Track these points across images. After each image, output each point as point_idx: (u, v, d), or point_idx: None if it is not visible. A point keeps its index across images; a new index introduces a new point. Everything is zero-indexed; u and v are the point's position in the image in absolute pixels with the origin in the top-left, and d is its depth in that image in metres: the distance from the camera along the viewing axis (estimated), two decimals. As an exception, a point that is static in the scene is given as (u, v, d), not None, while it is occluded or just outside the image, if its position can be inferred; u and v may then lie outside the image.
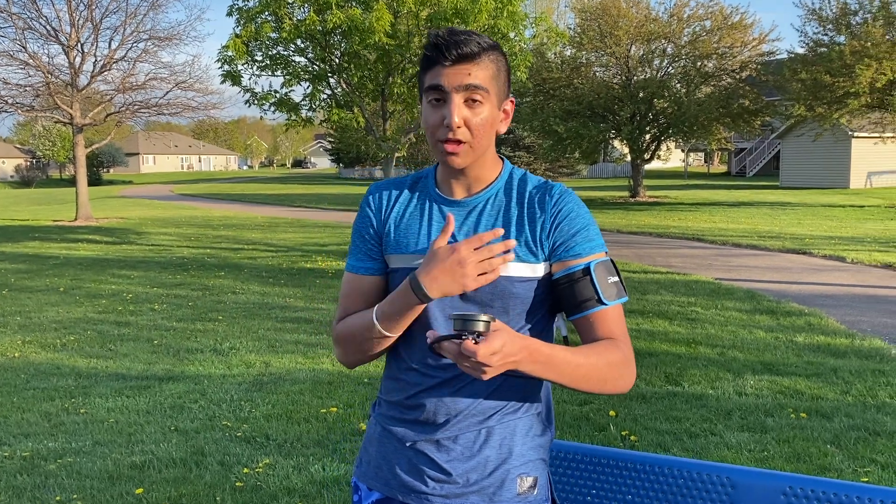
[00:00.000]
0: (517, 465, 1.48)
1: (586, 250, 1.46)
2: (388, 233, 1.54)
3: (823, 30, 21.57)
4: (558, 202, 1.48)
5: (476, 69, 1.40)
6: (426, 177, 1.59)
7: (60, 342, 7.18)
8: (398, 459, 1.51)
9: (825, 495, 1.68)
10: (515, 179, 1.54)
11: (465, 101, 1.41)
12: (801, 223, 17.68)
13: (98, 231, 19.09)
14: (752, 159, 45.36)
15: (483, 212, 1.50)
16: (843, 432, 4.37)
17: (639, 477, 1.89)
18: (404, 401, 1.51)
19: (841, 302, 8.41)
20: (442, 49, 1.39)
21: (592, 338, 1.46)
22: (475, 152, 1.45)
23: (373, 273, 1.56)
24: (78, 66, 20.84)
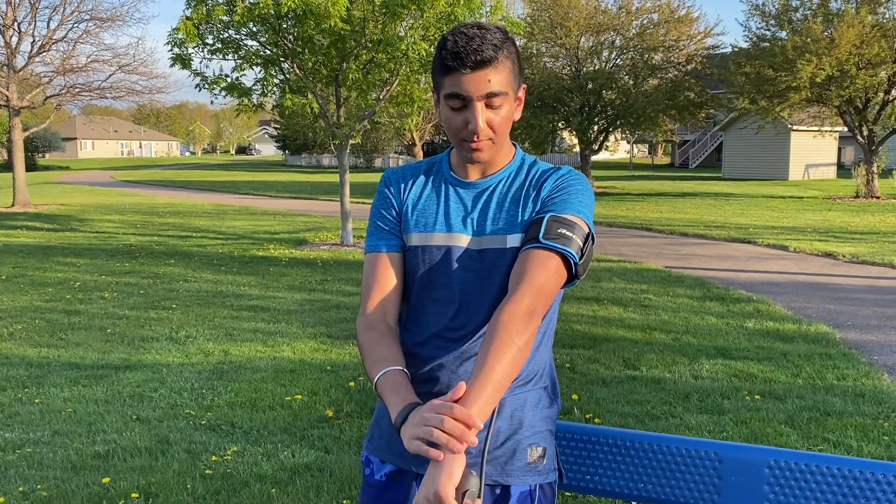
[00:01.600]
0: (527, 435, 1.52)
1: (559, 208, 1.47)
2: (405, 213, 1.60)
3: (766, 25, 22.15)
4: (561, 177, 1.54)
5: (495, 74, 1.43)
6: (440, 162, 1.65)
7: (7, 331, 6.96)
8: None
9: (807, 467, 1.77)
10: (527, 164, 1.60)
11: (486, 105, 1.45)
12: (745, 213, 18.19)
13: (38, 217, 18.47)
14: (695, 151, 46.40)
15: (496, 191, 1.56)
16: (795, 413, 4.55)
17: (628, 454, 1.95)
18: (418, 374, 1.54)
19: (786, 289, 8.71)
20: (461, 58, 1.41)
21: (513, 277, 1.43)
22: (497, 146, 1.52)
23: (396, 250, 1.60)
24: (14, 47, 20.07)
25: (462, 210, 1.56)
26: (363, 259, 1.64)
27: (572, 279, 1.47)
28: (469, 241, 1.53)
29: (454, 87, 1.44)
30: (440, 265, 1.53)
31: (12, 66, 20.02)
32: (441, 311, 1.53)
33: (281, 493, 3.54)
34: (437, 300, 1.53)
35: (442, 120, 1.52)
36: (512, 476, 1.51)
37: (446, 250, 1.53)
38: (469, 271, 1.51)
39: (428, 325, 1.54)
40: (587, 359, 5.82)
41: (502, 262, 1.50)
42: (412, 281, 1.59)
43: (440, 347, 1.52)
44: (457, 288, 1.52)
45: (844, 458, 1.75)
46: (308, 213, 19.45)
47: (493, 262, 1.50)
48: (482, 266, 1.51)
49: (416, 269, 1.57)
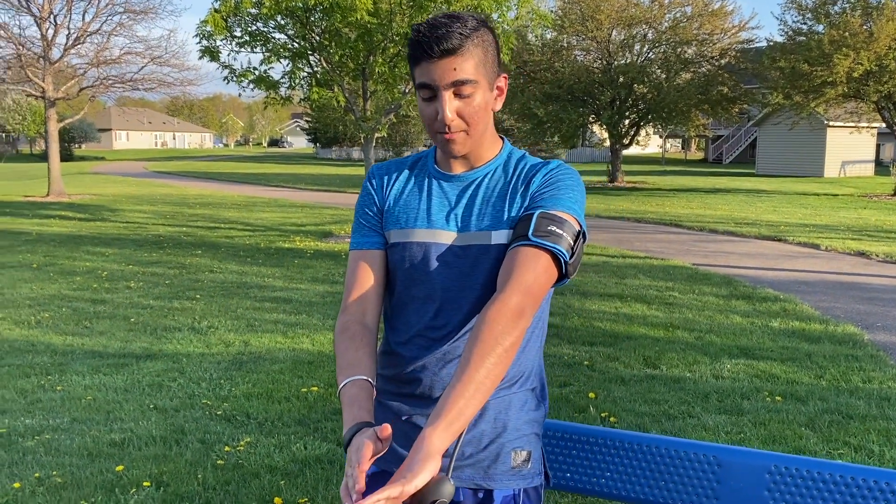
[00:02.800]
0: (511, 438, 1.49)
1: (549, 205, 1.42)
2: (388, 209, 1.56)
3: (803, 19, 21.73)
4: (552, 172, 1.48)
5: (461, 62, 1.38)
6: (426, 156, 1.61)
7: (35, 319, 7.08)
8: (394, 433, 1.51)
9: (809, 474, 1.71)
10: (514, 158, 1.55)
11: (455, 94, 1.40)
12: (777, 210, 17.88)
13: (71, 207, 18.80)
14: (729, 146, 45.74)
15: (481, 185, 1.51)
16: (817, 415, 4.45)
17: (626, 455, 1.91)
18: (401, 374, 1.51)
19: (815, 288, 8.53)
20: (423, 46, 1.38)
21: (500, 276, 1.38)
22: (472, 138, 1.46)
23: (377, 247, 1.57)
24: (50, 39, 20.41)
25: (445, 205, 1.51)
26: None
27: (562, 278, 1.42)
28: (452, 237, 1.48)
29: (422, 76, 1.41)
30: (421, 263, 1.49)
31: (48, 57, 20.37)
32: (422, 309, 1.50)
33: (290, 484, 3.55)
34: (418, 298, 1.49)
35: (419, 112, 1.49)
36: (495, 480, 1.48)
37: (427, 247, 1.49)
38: (451, 268, 1.47)
39: (410, 324, 1.51)
40: (607, 356, 5.76)
41: (486, 260, 1.46)
42: (395, 279, 1.56)
43: (422, 347, 1.49)
44: (438, 286, 1.48)
45: (847, 464, 1.69)
46: (335, 206, 19.53)
47: (477, 259, 1.46)
48: (465, 263, 1.47)
49: (398, 266, 1.54)
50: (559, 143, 33.38)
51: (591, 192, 23.92)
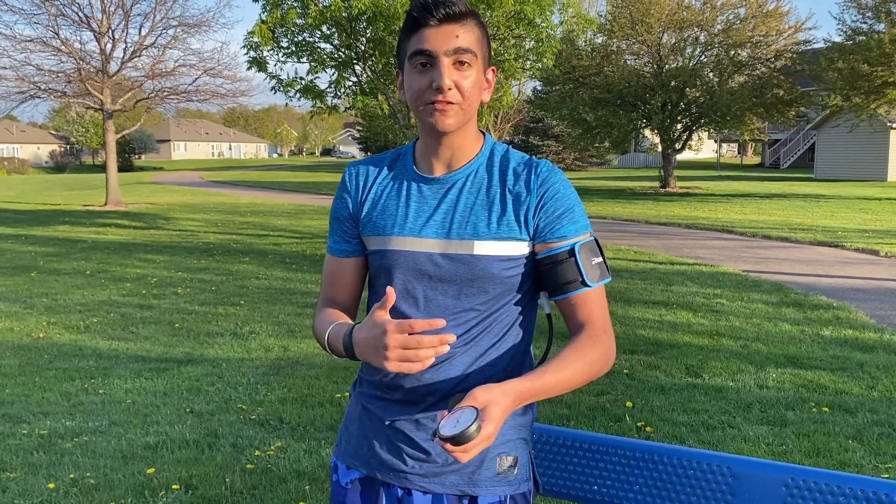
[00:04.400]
0: (497, 444, 1.44)
1: (571, 232, 1.42)
2: (365, 214, 1.51)
3: (862, 17, 21.06)
4: (545, 182, 1.43)
5: (463, 31, 1.36)
6: (405, 154, 1.54)
7: (84, 324, 7.27)
8: (378, 438, 1.49)
9: (828, 487, 1.62)
10: (497, 155, 1.49)
11: (453, 63, 1.36)
12: (835, 216, 17.32)
13: (126, 216, 19.34)
14: (787, 151, 44.58)
15: (463, 189, 1.45)
16: (865, 427, 4.26)
17: (637, 465, 1.84)
18: (383, 380, 1.48)
19: (872, 296, 8.21)
20: (429, 8, 1.34)
21: (574, 320, 1.44)
22: (465, 115, 1.40)
23: (348, 255, 1.55)
24: (109, 53, 21.08)
25: (425, 210, 1.45)
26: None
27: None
28: (432, 245, 1.43)
29: (419, 43, 1.36)
30: (400, 272, 1.44)
31: (106, 71, 21.04)
32: (403, 317, 1.45)
33: (316, 489, 3.55)
34: (398, 310, 1.44)
35: (405, 90, 1.42)
36: (479, 486, 1.44)
37: (406, 255, 1.44)
38: (432, 278, 1.43)
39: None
40: (647, 365, 5.63)
41: (468, 270, 1.40)
42: (373, 286, 1.53)
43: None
44: (419, 294, 1.43)
45: (870, 478, 1.59)
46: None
47: (458, 269, 1.41)
48: (446, 273, 1.42)
49: (377, 275, 1.50)
50: (610, 149, 33.02)
51: (643, 198, 23.56)
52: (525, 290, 1.46)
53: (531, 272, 1.46)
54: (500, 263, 1.41)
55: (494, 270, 1.40)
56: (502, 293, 1.43)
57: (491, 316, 1.44)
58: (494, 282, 1.41)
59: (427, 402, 1.45)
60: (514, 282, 1.43)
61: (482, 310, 1.43)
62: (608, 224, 16.36)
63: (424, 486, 1.45)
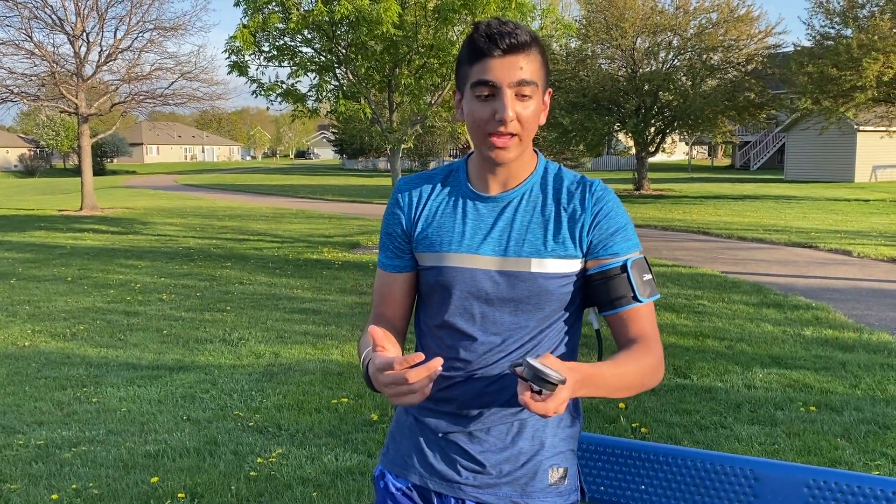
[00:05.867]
0: (549, 456, 1.50)
1: (624, 249, 1.47)
2: (420, 231, 1.52)
3: (830, 23, 21.47)
4: (599, 200, 1.47)
5: (526, 62, 1.38)
6: (457, 170, 1.56)
7: (70, 332, 7.21)
8: (431, 448, 1.53)
9: (848, 488, 1.70)
10: (551, 174, 1.53)
11: (515, 95, 1.38)
12: (807, 217, 17.66)
13: (104, 221, 19.11)
14: (757, 153, 45.27)
15: (518, 208, 1.48)
16: (853, 426, 4.39)
17: (661, 469, 1.90)
18: (436, 393, 1.50)
19: (848, 296, 8.41)
20: (495, 39, 1.35)
21: (625, 335, 1.48)
22: (523, 145, 1.43)
23: (400, 270, 1.57)
24: (83, 56, 20.82)
25: (482, 228, 1.47)
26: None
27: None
28: (489, 262, 1.45)
29: (483, 73, 1.37)
30: (456, 289, 1.46)
31: (81, 74, 20.78)
32: (457, 333, 1.48)
33: (322, 496, 3.58)
34: (453, 322, 1.47)
35: (465, 117, 1.44)
36: (533, 497, 1.48)
37: (463, 272, 1.46)
38: (489, 295, 1.45)
39: (444, 346, 1.50)
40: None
41: (525, 288, 1.44)
42: (429, 300, 1.54)
43: (457, 368, 1.49)
44: (475, 311, 1.46)
45: (890, 479, 1.67)
46: (362, 217, 19.65)
47: (515, 286, 1.44)
48: (502, 290, 1.45)
49: (431, 291, 1.52)
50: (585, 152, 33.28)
51: (618, 201, 23.72)
52: (575, 306, 1.51)
53: (581, 289, 1.50)
54: (557, 280, 1.45)
55: (551, 287, 1.45)
56: (556, 309, 1.47)
57: (544, 331, 1.48)
58: (550, 299, 1.45)
59: (481, 415, 1.48)
60: (567, 298, 1.48)
61: (536, 326, 1.47)
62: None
63: (478, 496, 1.48)
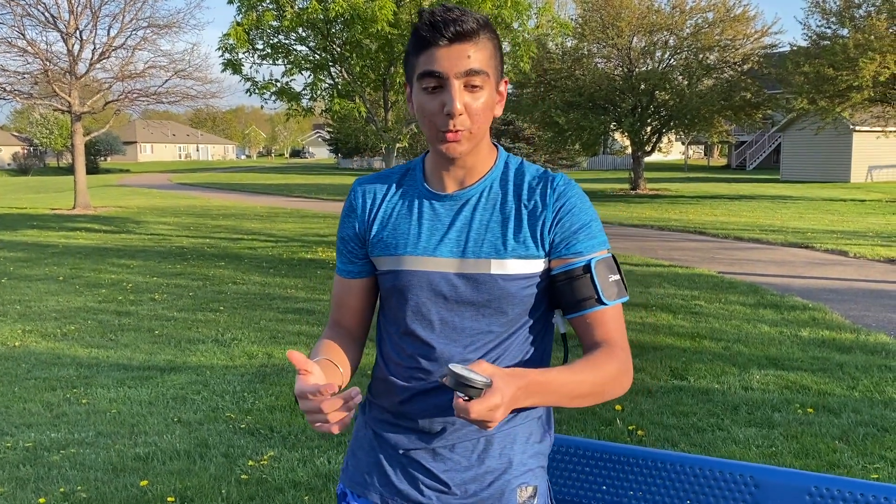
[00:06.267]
0: (517, 474, 1.41)
1: (588, 248, 1.38)
2: (374, 234, 1.45)
3: (827, 23, 21.50)
4: (561, 196, 1.39)
5: (475, 50, 1.30)
6: (414, 169, 1.48)
7: (61, 332, 7.14)
8: (393, 466, 1.44)
9: (851, 496, 1.65)
10: (512, 169, 1.44)
11: (464, 86, 1.31)
12: (803, 217, 17.65)
13: (96, 220, 19.01)
14: (753, 152, 45.31)
15: (477, 206, 1.40)
16: (851, 428, 4.35)
17: (659, 475, 1.85)
18: (396, 406, 1.43)
19: (844, 296, 8.38)
20: (439, 27, 1.28)
21: (590, 339, 1.39)
22: (475, 139, 1.35)
23: (355, 276, 1.50)
24: (76, 54, 20.70)
25: (439, 228, 1.40)
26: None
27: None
28: (447, 264, 1.37)
29: (428, 63, 1.30)
30: (413, 293, 1.39)
31: (74, 72, 20.66)
32: (417, 340, 1.40)
33: (314, 500, 3.52)
34: (413, 328, 1.39)
35: (415, 111, 1.36)
36: None
37: (420, 276, 1.38)
38: (447, 299, 1.37)
39: (405, 354, 1.42)
40: (632, 368, 5.67)
41: (485, 290, 1.36)
42: (386, 310, 1.47)
43: (419, 379, 1.40)
44: (434, 317, 1.38)
45: (893, 486, 1.62)
46: (357, 216, 19.55)
47: (476, 289, 1.36)
48: (462, 293, 1.37)
49: (388, 296, 1.44)
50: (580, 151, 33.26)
51: (614, 200, 23.78)
52: (542, 309, 1.43)
53: (547, 290, 1.41)
54: (518, 282, 1.37)
55: (512, 290, 1.36)
56: (520, 314, 1.39)
57: (509, 339, 1.40)
58: (513, 302, 1.37)
59: (444, 431, 1.39)
60: (531, 301, 1.39)
61: (500, 331, 1.39)
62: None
63: None
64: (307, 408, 1.20)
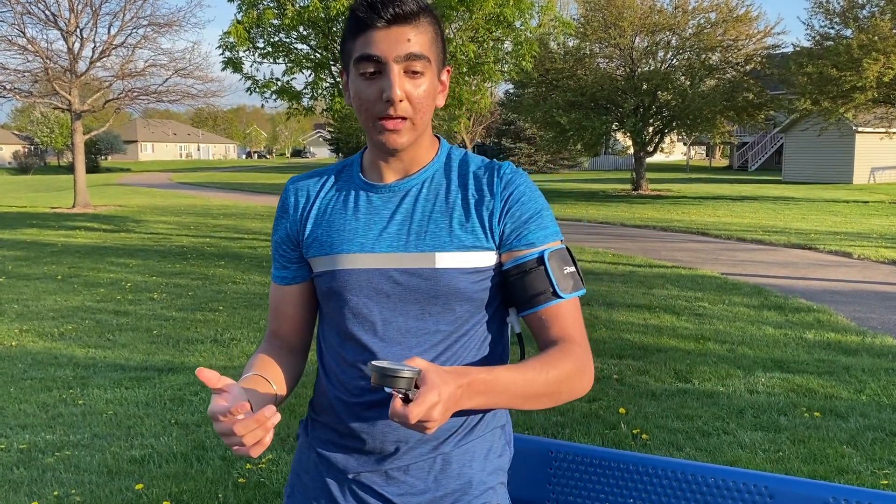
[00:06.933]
0: (477, 494, 1.32)
1: (540, 238, 1.29)
2: (308, 233, 1.35)
3: (830, 23, 21.42)
4: (509, 184, 1.30)
5: (415, 34, 1.22)
6: (351, 164, 1.39)
7: (58, 331, 7.07)
8: (342, 491, 1.33)
9: (872, 508, 1.58)
10: (455, 159, 1.35)
11: (405, 71, 1.23)
12: (806, 218, 17.57)
13: (96, 218, 18.95)
14: (755, 153, 45.24)
15: (419, 197, 1.31)
16: (859, 433, 4.28)
17: (670, 485, 1.79)
18: (340, 424, 1.32)
19: (849, 298, 8.31)
20: (377, 7, 1.20)
21: (546, 337, 1.29)
22: (417, 130, 1.27)
23: (290, 282, 1.40)
24: (77, 52, 20.64)
25: (377, 222, 1.30)
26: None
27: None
28: (387, 260, 1.28)
29: (365, 47, 1.21)
30: (352, 293, 1.29)
31: (74, 71, 20.61)
32: (359, 346, 1.29)
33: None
34: (354, 334, 1.29)
35: (351, 99, 1.28)
36: None
37: (358, 274, 1.28)
38: (390, 298, 1.28)
39: (346, 365, 1.31)
40: (636, 370, 5.61)
41: (430, 287, 1.26)
42: (325, 316, 1.37)
43: (364, 391, 1.29)
44: (377, 318, 1.28)
45: (915, 498, 1.55)
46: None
47: (420, 286, 1.26)
48: (406, 291, 1.27)
49: (326, 300, 1.34)
50: (582, 152, 33.20)
51: (616, 200, 23.71)
52: (495, 307, 1.33)
53: (499, 287, 1.32)
54: (466, 277, 1.27)
55: (460, 285, 1.26)
56: (470, 311, 1.29)
57: (460, 340, 1.29)
58: (460, 298, 1.27)
59: (397, 451, 1.29)
60: (483, 298, 1.29)
61: (449, 331, 1.28)
62: (583, 227, 16.41)
63: None
64: (220, 430, 1.09)
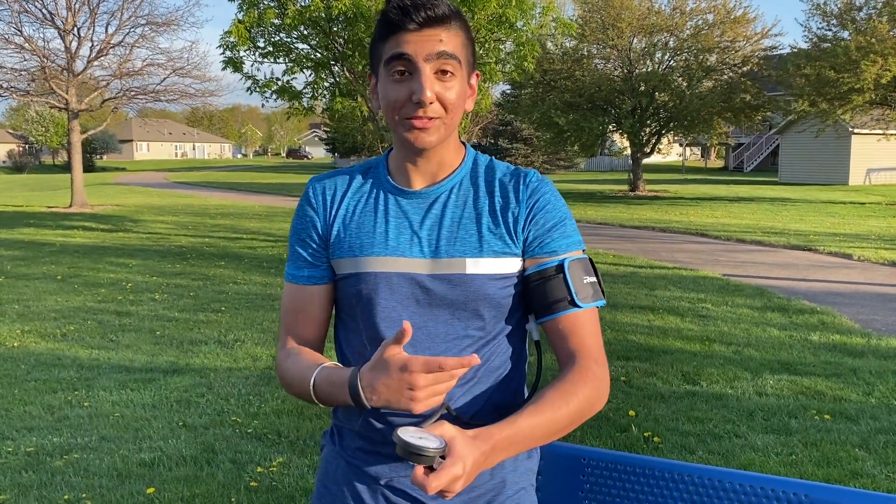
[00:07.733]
0: (510, 494, 1.33)
1: (562, 247, 1.29)
2: (336, 234, 1.33)
3: (828, 25, 21.47)
4: (534, 192, 1.31)
5: (447, 35, 1.22)
6: (376, 166, 1.38)
7: (60, 332, 7.03)
8: (375, 499, 1.32)
9: (912, 517, 1.56)
10: (481, 166, 1.36)
11: (435, 72, 1.22)
12: (804, 219, 17.60)
13: (94, 218, 18.87)
14: (750, 154, 45.34)
15: (447, 203, 1.30)
16: (870, 436, 4.27)
17: (697, 491, 1.76)
18: (371, 431, 1.29)
19: (851, 300, 8.31)
20: (409, 11, 1.20)
21: (563, 348, 1.29)
22: (447, 130, 1.26)
23: (317, 282, 1.36)
24: (74, 51, 20.56)
25: (407, 227, 1.29)
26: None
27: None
28: (417, 265, 1.27)
29: (397, 47, 1.21)
30: (382, 297, 1.27)
31: (72, 70, 20.52)
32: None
33: (326, 509, 3.43)
34: (382, 341, 1.24)
35: (380, 101, 1.27)
36: None
37: (388, 278, 1.27)
38: (419, 303, 1.27)
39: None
40: (644, 372, 5.60)
41: (461, 293, 1.26)
42: (350, 316, 1.34)
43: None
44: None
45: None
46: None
47: (450, 291, 1.26)
48: (435, 297, 1.26)
49: (352, 303, 1.31)
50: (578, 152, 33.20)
51: (613, 201, 23.73)
52: (517, 317, 1.34)
53: (522, 294, 1.32)
54: (495, 283, 1.27)
55: (490, 291, 1.27)
56: (497, 317, 1.29)
57: (488, 345, 1.30)
58: (489, 304, 1.27)
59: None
60: (509, 304, 1.30)
61: (477, 336, 1.29)
62: (582, 227, 16.40)
63: None
64: (431, 382, 1.10)
